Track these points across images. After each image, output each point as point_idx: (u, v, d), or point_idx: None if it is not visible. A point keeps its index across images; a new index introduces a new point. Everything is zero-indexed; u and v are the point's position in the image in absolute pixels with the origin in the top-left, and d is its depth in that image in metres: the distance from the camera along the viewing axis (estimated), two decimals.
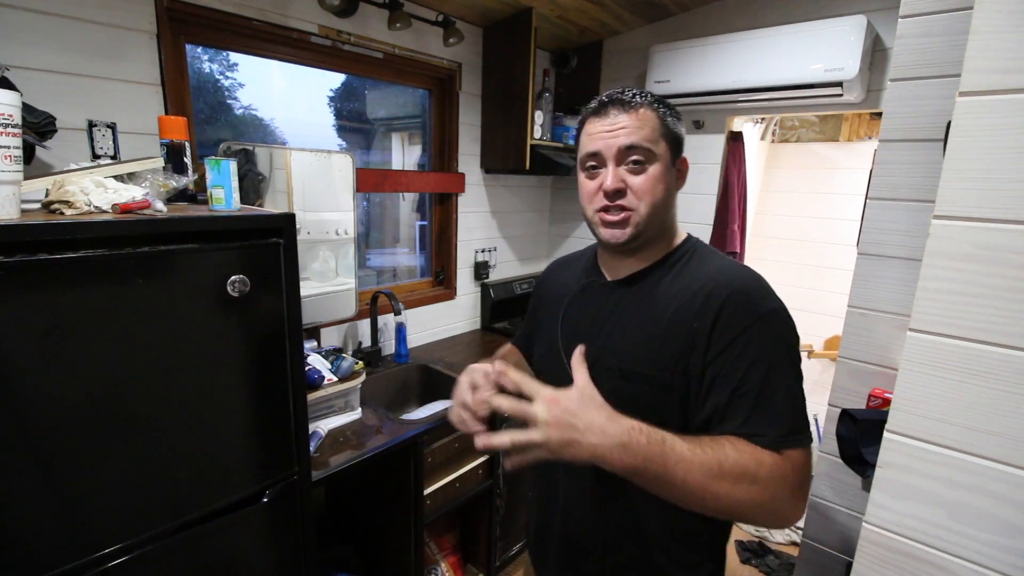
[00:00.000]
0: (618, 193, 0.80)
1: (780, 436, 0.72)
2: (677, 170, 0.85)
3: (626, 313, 0.85)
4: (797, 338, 0.77)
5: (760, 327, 0.74)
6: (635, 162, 0.79)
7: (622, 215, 0.81)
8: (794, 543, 2.41)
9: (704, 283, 0.79)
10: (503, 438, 0.72)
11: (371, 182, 2.03)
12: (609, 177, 0.80)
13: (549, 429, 0.69)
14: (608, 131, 0.80)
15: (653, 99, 0.83)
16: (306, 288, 1.45)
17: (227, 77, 1.75)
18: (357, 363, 1.62)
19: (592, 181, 0.83)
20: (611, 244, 0.84)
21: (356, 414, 1.65)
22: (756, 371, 0.73)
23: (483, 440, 0.73)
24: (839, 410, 1.20)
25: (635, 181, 0.80)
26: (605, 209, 0.82)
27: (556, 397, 0.72)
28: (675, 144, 0.83)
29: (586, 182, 0.84)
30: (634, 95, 0.82)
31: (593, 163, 0.83)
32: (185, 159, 1.19)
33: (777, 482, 0.71)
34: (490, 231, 2.60)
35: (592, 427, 0.69)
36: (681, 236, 0.89)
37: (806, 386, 0.78)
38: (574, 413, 0.70)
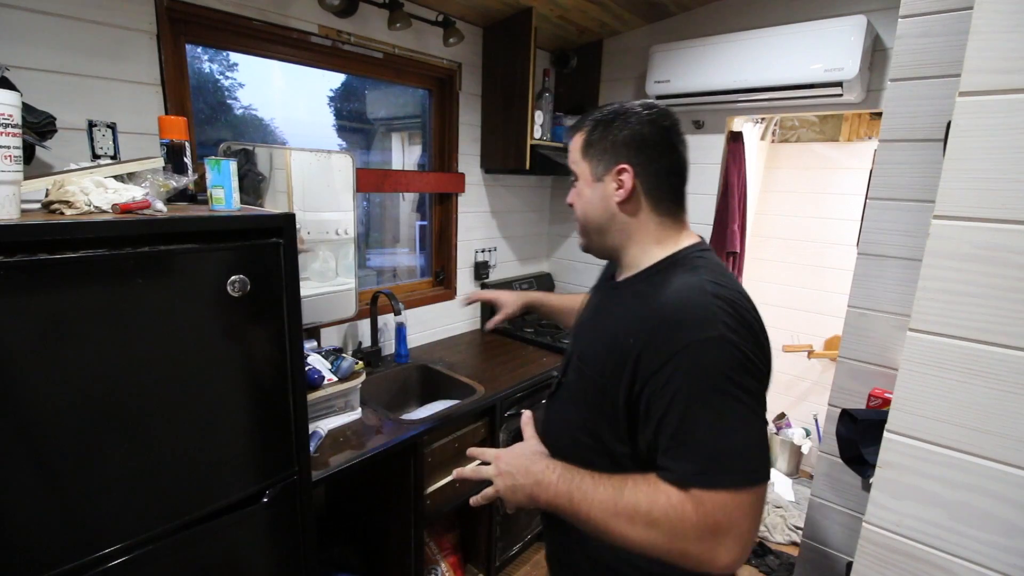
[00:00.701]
0: (571, 206, 0.93)
1: (690, 473, 0.68)
2: (615, 181, 0.84)
3: (602, 316, 0.91)
4: (741, 367, 0.70)
5: (685, 357, 0.70)
6: (573, 181, 0.91)
7: (577, 225, 0.94)
8: (794, 543, 2.41)
9: (651, 302, 0.79)
10: (479, 499, 0.90)
11: (371, 182, 2.03)
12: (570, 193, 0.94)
13: (497, 480, 0.86)
14: None
15: (591, 120, 0.88)
16: (306, 288, 1.46)
17: (227, 77, 1.75)
18: (357, 363, 1.62)
19: None
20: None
21: (356, 414, 1.65)
22: (678, 402, 0.70)
23: (473, 500, 0.91)
24: (839, 410, 1.21)
25: (574, 198, 0.92)
26: None
27: (499, 454, 0.89)
28: (596, 158, 0.86)
29: None
30: (580, 119, 0.89)
31: None
32: (185, 159, 1.19)
33: (674, 524, 0.68)
34: (490, 231, 2.60)
35: (520, 471, 0.84)
36: (670, 247, 0.85)
37: (806, 387, 0.77)
38: (510, 463, 0.86)
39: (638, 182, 0.83)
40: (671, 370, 0.71)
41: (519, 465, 0.85)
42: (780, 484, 2.75)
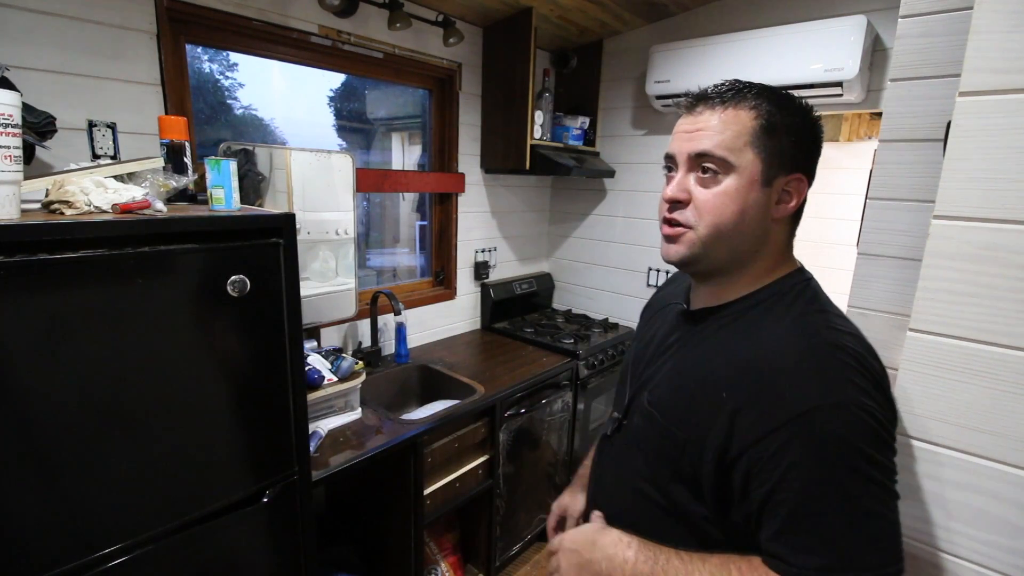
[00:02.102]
0: (677, 204, 0.70)
1: (813, 568, 0.57)
2: (782, 191, 0.68)
3: (679, 353, 0.76)
4: (876, 438, 0.58)
5: (804, 425, 0.58)
6: (706, 171, 0.67)
7: (676, 230, 0.71)
8: None
9: (751, 347, 0.66)
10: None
11: (371, 182, 2.03)
12: (672, 184, 0.71)
13: (562, 561, 0.76)
14: (686, 132, 0.70)
15: (758, 95, 0.68)
16: (306, 288, 1.45)
17: (227, 77, 1.75)
18: (357, 363, 1.62)
19: (666, 185, 0.73)
20: (665, 260, 0.74)
21: (356, 414, 1.65)
22: (795, 480, 0.58)
23: None
24: None
25: (701, 194, 0.68)
26: (665, 219, 0.72)
27: (563, 535, 0.80)
28: (775, 157, 0.67)
29: (665, 186, 0.74)
30: (732, 89, 0.69)
31: (668, 165, 0.74)
32: (185, 159, 1.19)
33: None
34: (490, 231, 2.60)
35: (586, 545, 0.74)
36: (777, 273, 0.72)
37: None
38: (574, 539, 0.76)
39: (804, 195, 0.69)
40: (784, 439, 0.58)
41: (584, 539, 0.74)
42: None
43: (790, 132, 0.67)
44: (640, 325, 0.96)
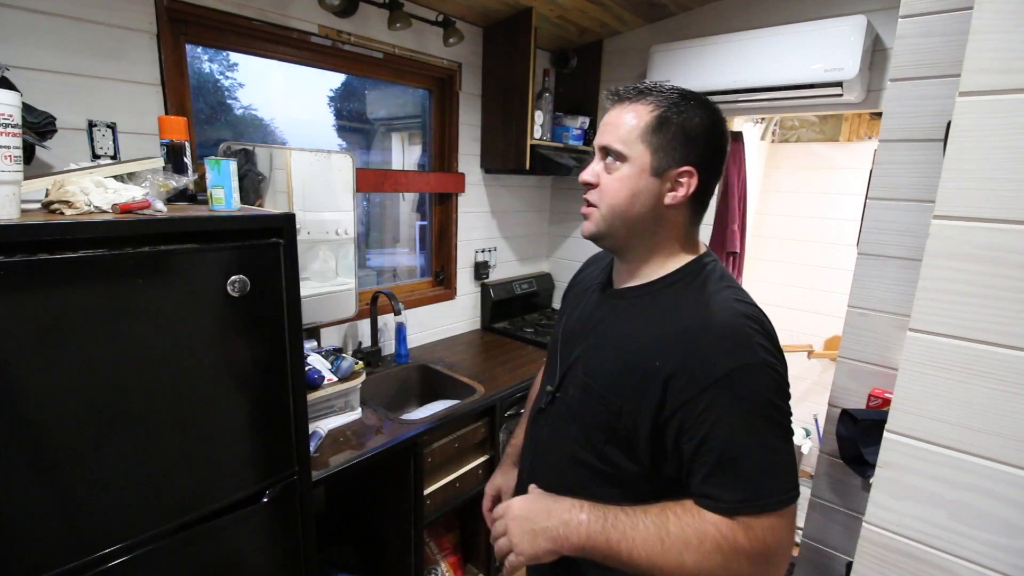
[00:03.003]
0: (587, 186, 0.82)
1: (736, 501, 0.68)
2: (674, 180, 0.77)
3: (608, 328, 0.84)
4: (780, 390, 0.71)
5: (726, 385, 0.69)
6: (610, 161, 0.79)
7: (589, 210, 0.82)
8: (794, 543, 2.41)
9: (676, 321, 0.75)
10: (499, 556, 0.81)
11: (371, 182, 2.03)
12: (588, 168, 0.82)
13: (512, 526, 0.79)
14: (604, 124, 0.80)
15: (660, 93, 0.76)
16: (306, 288, 1.45)
17: (227, 77, 1.75)
18: (357, 363, 1.62)
19: None
20: (582, 236, 0.85)
21: (356, 414, 1.65)
22: (720, 431, 0.69)
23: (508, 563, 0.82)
24: (839, 410, 1.20)
25: (605, 179, 0.79)
26: (584, 199, 0.83)
27: (509, 503, 0.82)
28: (664, 150, 0.75)
29: None
30: (636, 90, 0.78)
31: (593, 152, 0.84)
32: (185, 159, 1.19)
33: (727, 554, 0.67)
34: (490, 231, 2.60)
35: (540, 513, 0.77)
36: (685, 256, 0.82)
37: (806, 387, 0.76)
38: (523, 507, 0.80)
39: (695, 187, 0.77)
40: (710, 398, 0.69)
41: (538, 508, 0.78)
42: None
43: (682, 129, 0.75)
44: (564, 305, 1.04)
